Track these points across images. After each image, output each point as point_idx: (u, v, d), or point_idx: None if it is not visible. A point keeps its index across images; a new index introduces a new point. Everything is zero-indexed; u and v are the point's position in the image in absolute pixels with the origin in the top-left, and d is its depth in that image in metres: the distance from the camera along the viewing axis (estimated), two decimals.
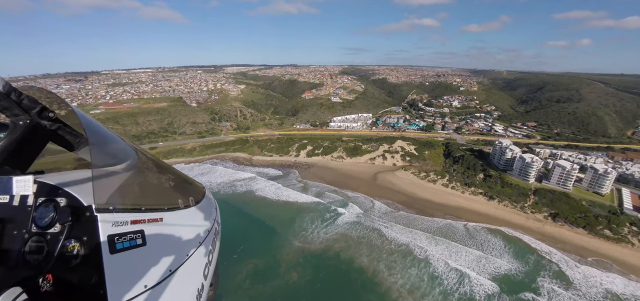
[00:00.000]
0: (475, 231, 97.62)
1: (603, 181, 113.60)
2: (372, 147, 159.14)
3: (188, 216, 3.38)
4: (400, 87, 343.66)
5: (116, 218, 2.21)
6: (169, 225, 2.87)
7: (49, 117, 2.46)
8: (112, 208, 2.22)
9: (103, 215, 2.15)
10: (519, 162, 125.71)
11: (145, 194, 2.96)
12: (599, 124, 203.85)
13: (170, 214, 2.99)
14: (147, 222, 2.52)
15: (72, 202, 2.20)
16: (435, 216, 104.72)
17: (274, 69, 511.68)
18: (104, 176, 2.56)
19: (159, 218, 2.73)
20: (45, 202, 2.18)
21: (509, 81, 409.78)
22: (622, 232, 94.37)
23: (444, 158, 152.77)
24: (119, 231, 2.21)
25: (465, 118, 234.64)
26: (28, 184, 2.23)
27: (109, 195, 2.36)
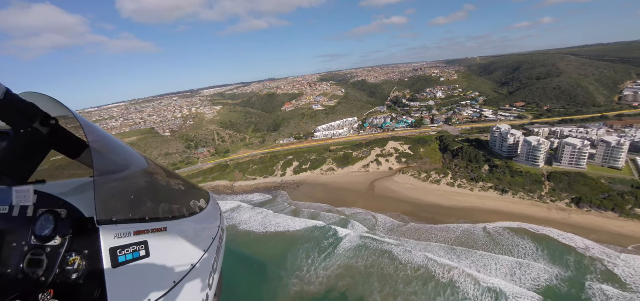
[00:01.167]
0: (498, 234, 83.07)
1: (617, 154, 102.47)
2: (364, 152, 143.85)
3: (193, 224, 3.22)
4: (380, 87, 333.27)
5: (119, 230, 2.11)
6: (173, 235, 2.72)
7: (51, 124, 2.36)
8: (115, 220, 2.11)
9: (105, 227, 2.03)
10: (525, 147, 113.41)
11: (149, 203, 2.71)
12: (586, 95, 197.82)
13: (175, 223, 2.83)
14: (150, 232, 2.39)
15: (73, 213, 2.12)
16: (449, 222, 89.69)
17: (252, 85, 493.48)
18: (106, 185, 2.39)
19: (163, 228, 2.58)
20: (46, 213, 2.09)
21: (484, 66, 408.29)
22: None
23: (442, 153, 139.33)
24: (121, 243, 2.10)
25: (452, 107, 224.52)
26: (28, 195, 2.18)
27: (112, 206, 2.26)
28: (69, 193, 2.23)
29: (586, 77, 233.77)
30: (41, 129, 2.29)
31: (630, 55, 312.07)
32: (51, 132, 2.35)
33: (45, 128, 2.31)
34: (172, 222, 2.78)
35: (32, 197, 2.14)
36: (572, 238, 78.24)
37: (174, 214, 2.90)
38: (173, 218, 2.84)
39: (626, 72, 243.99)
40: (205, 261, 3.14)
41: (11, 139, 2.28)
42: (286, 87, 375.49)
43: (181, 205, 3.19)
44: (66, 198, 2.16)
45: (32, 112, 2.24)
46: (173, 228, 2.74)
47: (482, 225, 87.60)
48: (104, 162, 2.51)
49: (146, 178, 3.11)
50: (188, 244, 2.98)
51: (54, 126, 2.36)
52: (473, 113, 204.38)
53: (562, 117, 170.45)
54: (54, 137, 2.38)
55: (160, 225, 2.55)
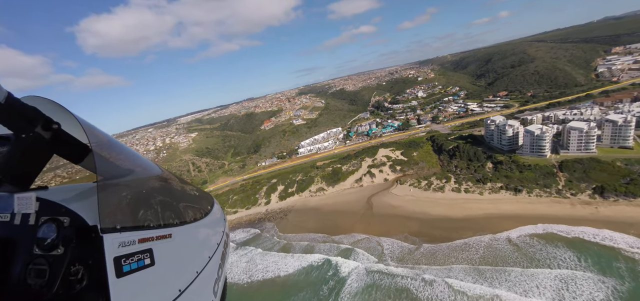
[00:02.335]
0: (526, 244, 69.39)
1: (626, 132, 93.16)
2: (354, 165, 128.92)
3: (198, 230, 3.11)
4: (360, 93, 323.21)
5: (123, 238, 2.00)
6: (178, 242, 2.60)
7: (53, 128, 2.24)
8: (119, 228, 2.01)
9: (109, 235, 1.93)
10: (527, 138, 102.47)
11: (154, 209, 2.57)
12: (566, 76, 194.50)
13: (180, 229, 2.71)
14: (155, 240, 2.29)
15: (76, 221, 1.99)
16: (466, 237, 75.30)
17: (230, 107, 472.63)
18: (110, 191, 2.31)
19: (168, 235, 2.47)
20: (48, 221, 1.96)
21: (456, 62, 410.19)
22: None
23: (437, 155, 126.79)
24: (126, 252, 2.00)
25: (436, 105, 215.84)
26: (30, 202, 2.07)
27: (116, 213, 2.17)
28: (72, 200, 2.13)
29: (558, 59, 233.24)
30: (43, 134, 2.18)
31: (590, 35, 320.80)
32: (53, 136, 2.24)
33: (48, 133, 2.20)
34: (177, 228, 2.65)
35: (34, 204, 2.03)
36: (610, 236, 65.65)
37: (179, 220, 2.77)
38: (178, 224, 2.71)
39: (593, 50, 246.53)
40: (211, 268, 3.04)
41: (12, 144, 2.19)
42: (265, 104, 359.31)
43: (186, 210, 3.05)
44: (69, 206, 2.04)
45: (34, 116, 2.14)
46: (178, 234, 2.61)
47: (504, 234, 73.85)
48: (108, 166, 2.43)
49: (151, 182, 2.96)
50: (193, 251, 2.90)
51: (56, 130, 2.24)
52: (458, 108, 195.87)
53: (549, 101, 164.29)
54: (56, 141, 2.26)
55: (165, 231, 2.45)
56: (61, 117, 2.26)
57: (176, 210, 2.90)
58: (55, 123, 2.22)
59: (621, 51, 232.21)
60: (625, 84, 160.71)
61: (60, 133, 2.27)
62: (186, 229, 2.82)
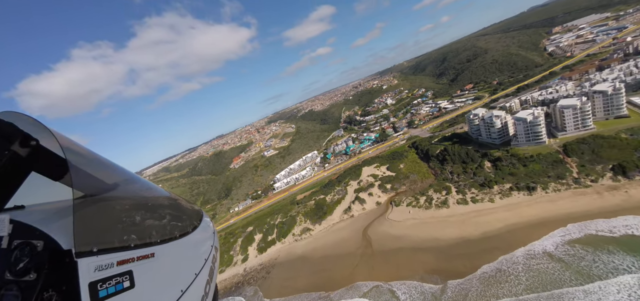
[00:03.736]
0: (569, 255, 54.44)
1: (618, 101, 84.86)
2: (339, 192, 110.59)
3: (184, 246, 2.82)
4: (329, 111, 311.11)
5: (100, 261, 1.85)
6: (161, 260, 2.40)
7: (31, 145, 2.08)
8: (96, 250, 1.86)
9: (84, 260, 1.78)
10: (520, 126, 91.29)
11: (134, 227, 2.39)
12: (524, 60, 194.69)
13: (164, 247, 2.48)
14: (136, 260, 2.11)
15: (50, 245, 1.83)
16: (494, 260, 59.24)
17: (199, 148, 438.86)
18: (88, 210, 2.19)
19: (150, 254, 2.29)
20: (21, 245, 1.80)
21: (413, 67, 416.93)
22: None
23: (426, 163, 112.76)
24: (102, 276, 1.85)
25: (407, 110, 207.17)
26: (3, 224, 1.91)
27: (93, 234, 2.02)
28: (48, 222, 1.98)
29: (509, 46, 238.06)
30: (20, 151, 2.01)
31: (528, 21, 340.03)
32: (31, 153, 2.06)
33: (25, 150, 2.03)
34: (161, 246, 2.44)
35: (7, 226, 1.87)
36: None
37: (162, 237, 2.52)
38: (161, 241, 2.48)
39: (536, 34, 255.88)
40: (197, 286, 2.79)
41: None
42: (234, 140, 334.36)
43: (171, 225, 2.78)
44: (43, 228, 1.89)
45: (11, 132, 1.99)
46: (161, 252, 2.42)
47: (537, 247, 58.72)
48: (87, 182, 2.30)
49: (133, 197, 2.79)
50: (178, 269, 2.66)
51: (34, 147, 2.07)
52: (430, 108, 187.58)
53: (516, 85, 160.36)
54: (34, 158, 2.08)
55: (147, 251, 2.26)
56: (40, 133, 2.10)
57: (160, 226, 2.65)
58: (34, 140, 2.06)
59: (561, 30, 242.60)
60: (581, 57, 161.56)
61: (39, 150, 2.10)
62: (170, 246, 2.57)
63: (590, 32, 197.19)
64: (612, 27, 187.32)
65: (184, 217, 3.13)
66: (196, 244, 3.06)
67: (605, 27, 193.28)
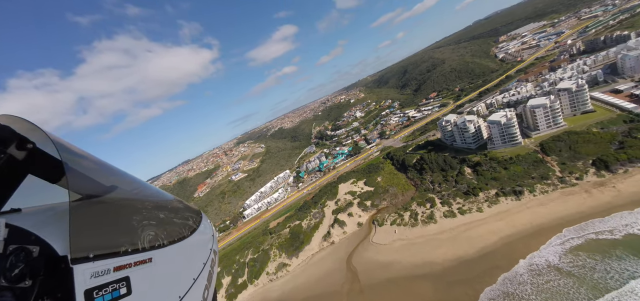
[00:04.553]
0: (574, 265, 48.57)
1: (582, 97, 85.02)
2: (316, 215, 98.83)
3: (182, 250, 2.73)
4: (299, 128, 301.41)
5: (96, 267, 1.79)
6: (159, 265, 2.32)
7: (27, 148, 2.05)
8: (92, 256, 1.79)
9: (80, 266, 1.72)
10: (495, 129, 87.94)
11: (132, 231, 2.32)
12: (481, 67, 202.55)
13: (162, 252, 2.41)
14: (133, 266, 2.04)
15: (45, 250, 1.76)
16: (496, 280, 51.28)
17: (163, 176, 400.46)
18: (84, 214, 2.11)
19: (148, 259, 2.21)
20: (17, 250, 1.72)
21: (377, 80, 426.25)
22: None
23: (403, 173, 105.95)
24: (98, 283, 1.78)
25: (377, 121, 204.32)
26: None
27: (89, 240, 1.93)
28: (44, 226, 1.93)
29: (464, 56, 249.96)
30: (17, 154, 1.99)
31: (475, 33, 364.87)
32: (28, 156, 2.04)
33: (22, 153, 2.01)
34: (159, 251, 2.37)
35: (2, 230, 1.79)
36: None
37: (160, 241, 2.45)
38: (160, 246, 2.41)
39: (485, 43, 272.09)
40: (195, 291, 2.71)
41: None
42: (200, 164, 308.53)
43: (170, 229, 2.69)
44: (39, 233, 1.83)
45: (7, 136, 1.97)
46: (159, 257, 2.34)
47: (539, 259, 52.26)
48: (83, 185, 2.23)
49: (131, 200, 2.68)
50: (176, 274, 2.57)
51: (31, 150, 2.04)
52: (399, 118, 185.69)
53: (477, 90, 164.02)
54: (31, 161, 2.05)
55: (145, 256, 2.18)
56: (36, 136, 2.07)
57: (158, 230, 2.56)
58: (30, 143, 2.04)
59: (506, 39, 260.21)
60: (530, 60, 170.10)
61: (35, 153, 2.07)
62: (169, 251, 2.50)
63: (533, 39, 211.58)
64: (551, 33, 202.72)
65: (182, 219, 3.00)
66: (195, 248, 2.92)
67: (545, 34, 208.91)
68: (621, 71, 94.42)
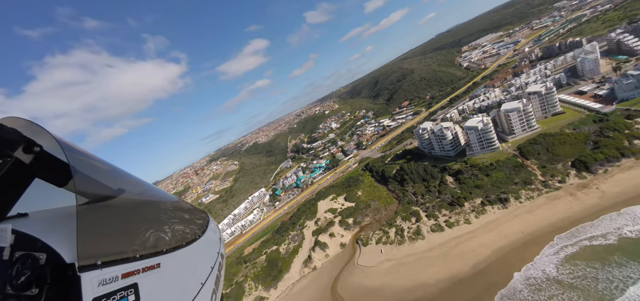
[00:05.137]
0: (574, 276, 45.55)
1: (552, 99, 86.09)
2: (294, 238, 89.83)
3: (190, 254, 2.61)
4: (275, 142, 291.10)
5: (104, 275, 1.70)
6: (167, 271, 2.23)
7: (34, 151, 1.96)
8: (100, 263, 1.71)
9: (87, 274, 1.63)
10: (472, 135, 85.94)
11: (140, 236, 2.23)
12: (448, 75, 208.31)
13: (170, 257, 2.32)
14: (141, 272, 1.95)
15: (52, 257, 1.66)
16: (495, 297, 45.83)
17: None
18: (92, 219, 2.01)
19: (156, 265, 2.12)
20: (23, 257, 1.64)
21: (349, 91, 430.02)
22: None
23: (383, 185, 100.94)
24: (106, 291, 1.70)
25: (353, 131, 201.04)
26: (5, 234, 1.74)
27: (97, 246, 1.83)
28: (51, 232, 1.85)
29: (431, 66, 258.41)
30: (24, 157, 1.94)
31: (439, 44, 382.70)
32: (35, 159, 1.99)
33: (29, 156, 1.96)
34: (167, 256, 2.29)
35: (9, 237, 1.72)
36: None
37: (169, 246, 2.38)
38: (167, 250, 2.34)
39: (450, 53, 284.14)
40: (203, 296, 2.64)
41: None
42: (168, 187, 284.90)
43: (177, 232, 2.63)
44: (46, 239, 1.76)
45: (14, 139, 1.91)
46: (167, 262, 2.26)
47: (535, 272, 48.57)
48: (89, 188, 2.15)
49: (138, 204, 2.61)
50: (184, 279, 2.51)
51: (38, 153, 1.99)
52: (375, 128, 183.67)
53: (448, 97, 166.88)
54: (38, 165, 2.00)
55: (153, 261, 2.11)
56: (43, 139, 2.01)
57: (166, 234, 2.50)
58: (37, 146, 1.98)
59: (468, 49, 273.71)
60: (493, 67, 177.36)
61: (43, 156, 2.01)
62: (176, 256, 2.43)
63: (492, 48, 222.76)
64: (508, 42, 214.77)
65: (190, 223, 2.93)
66: (202, 251, 2.84)
67: (503, 43, 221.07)
68: (581, 73, 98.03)
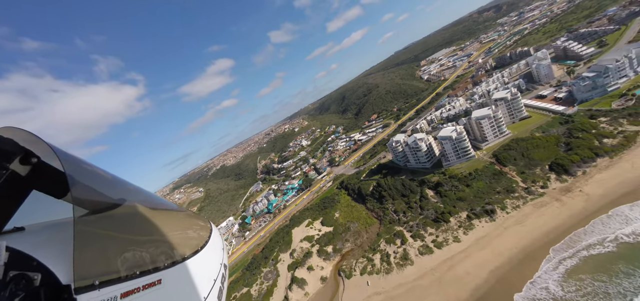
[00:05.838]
0: (582, 292, 41.47)
1: (518, 104, 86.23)
2: (268, 276, 77.24)
3: (192, 268, 2.47)
4: (244, 164, 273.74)
5: (102, 296, 1.58)
6: (169, 286, 2.07)
7: (31, 162, 1.86)
8: (98, 283, 1.59)
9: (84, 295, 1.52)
10: (447, 145, 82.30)
11: (140, 251, 2.08)
12: (412, 87, 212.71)
13: (171, 272, 2.17)
14: (141, 290, 1.82)
15: (47, 278, 1.55)
16: None
17: None
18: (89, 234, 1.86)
19: (157, 281, 1.98)
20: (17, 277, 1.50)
21: (318, 108, 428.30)
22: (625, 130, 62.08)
23: (361, 204, 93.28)
24: None
25: (324, 148, 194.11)
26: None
27: (94, 264, 1.71)
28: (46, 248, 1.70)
29: (394, 79, 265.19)
30: (20, 169, 1.81)
31: (399, 60, 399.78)
32: (32, 171, 1.86)
33: (25, 168, 1.83)
34: (168, 271, 2.11)
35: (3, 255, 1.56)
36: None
37: (170, 260, 2.19)
38: (169, 265, 2.15)
39: (410, 68, 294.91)
40: None
41: None
42: None
43: (179, 245, 2.45)
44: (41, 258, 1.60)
45: (10, 150, 1.78)
46: (169, 278, 2.08)
47: (539, 291, 42.30)
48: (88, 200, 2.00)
49: (139, 215, 2.42)
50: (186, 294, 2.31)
51: (35, 164, 1.86)
52: (346, 143, 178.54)
53: (414, 108, 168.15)
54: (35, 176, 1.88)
55: (154, 277, 1.95)
56: (41, 150, 1.91)
57: (168, 247, 2.34)
58: (35, 157, 1.88)
59: (426, 63, 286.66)
60: (453, 78, 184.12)
61: (40, 167, 1.91)
62: (178, 270, 2.28)
63: (448, 61, 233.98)
64: (462, 55, 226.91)
65: (192, 234, 2.78)
66: (205, 264, 2.69)
67: (457, 56, 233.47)
68: (537, 79, 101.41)
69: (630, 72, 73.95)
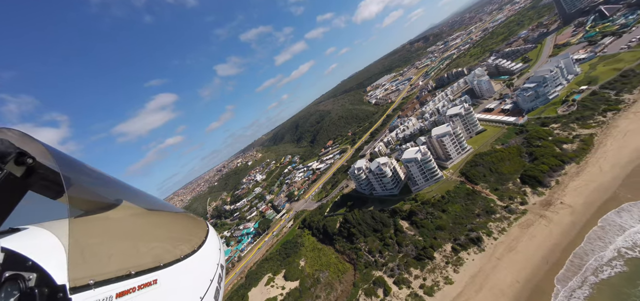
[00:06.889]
0: None
1: (472, 118, 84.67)
2: None
3: (188, 268, 2.45)
4: (192, 207, 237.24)
5: (97, 296, 1.57)
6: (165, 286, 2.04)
7: (27, 162, 1.83)
8: (93, 283, 1.57)
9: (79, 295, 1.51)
10: (414, 168, 74.63)
11: (136, 251, 2.07)
12: (362, 111, 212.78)
13: (168, 271, 2.14)
14: (137, 290, 1.79)
15: (42, 279, 1.52)
16: None
17: None
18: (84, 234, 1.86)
19: (153, 281, 1.95)
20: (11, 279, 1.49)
21: (272, 138, 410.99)
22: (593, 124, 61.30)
23: (329, 245, 78.91)
24: None
25: (281, 181, 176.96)
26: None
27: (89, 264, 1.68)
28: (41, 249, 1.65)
29: (344, 105, 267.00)
30: (15, 170, 1.78)
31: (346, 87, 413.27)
32: (28, 171, 1.83)
33: (21, 168, 1.80)
34: (164, 271, 2.08)
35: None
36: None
37: (166, 259, 2.17)
38: (165, 265, 2.12)
39: (357, 93, 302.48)
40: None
41: None
42: None
43: (175, 245, 2.44)
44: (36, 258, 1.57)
45: (5, 151, 1.75)
46: (165, 278, 2.05)
47: None
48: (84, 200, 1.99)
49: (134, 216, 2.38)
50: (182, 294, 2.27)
51: (31, 165, 1.83)
52: (304, 174, 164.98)
53: (368, 131, 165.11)
54: (31, 177, 1.84)
55: (150, 277, 1.92)
56: (36, 150, 1.86)
57: (164, 247, 2.32)
58: (30, 157, 1.82)
59: (371, 88, 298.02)
60: (399, 100, 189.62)
61: (36, 168, 1.86)
62: (175, 270, 2.22)
63: (392, 86, 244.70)
64: (402, 80, 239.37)
65: (189, 234, 2.74)
66: (201, 264, 2.65)
67: (398, 81, 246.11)
68: (479, 94, 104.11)
69: (564, 81, 77.40)
